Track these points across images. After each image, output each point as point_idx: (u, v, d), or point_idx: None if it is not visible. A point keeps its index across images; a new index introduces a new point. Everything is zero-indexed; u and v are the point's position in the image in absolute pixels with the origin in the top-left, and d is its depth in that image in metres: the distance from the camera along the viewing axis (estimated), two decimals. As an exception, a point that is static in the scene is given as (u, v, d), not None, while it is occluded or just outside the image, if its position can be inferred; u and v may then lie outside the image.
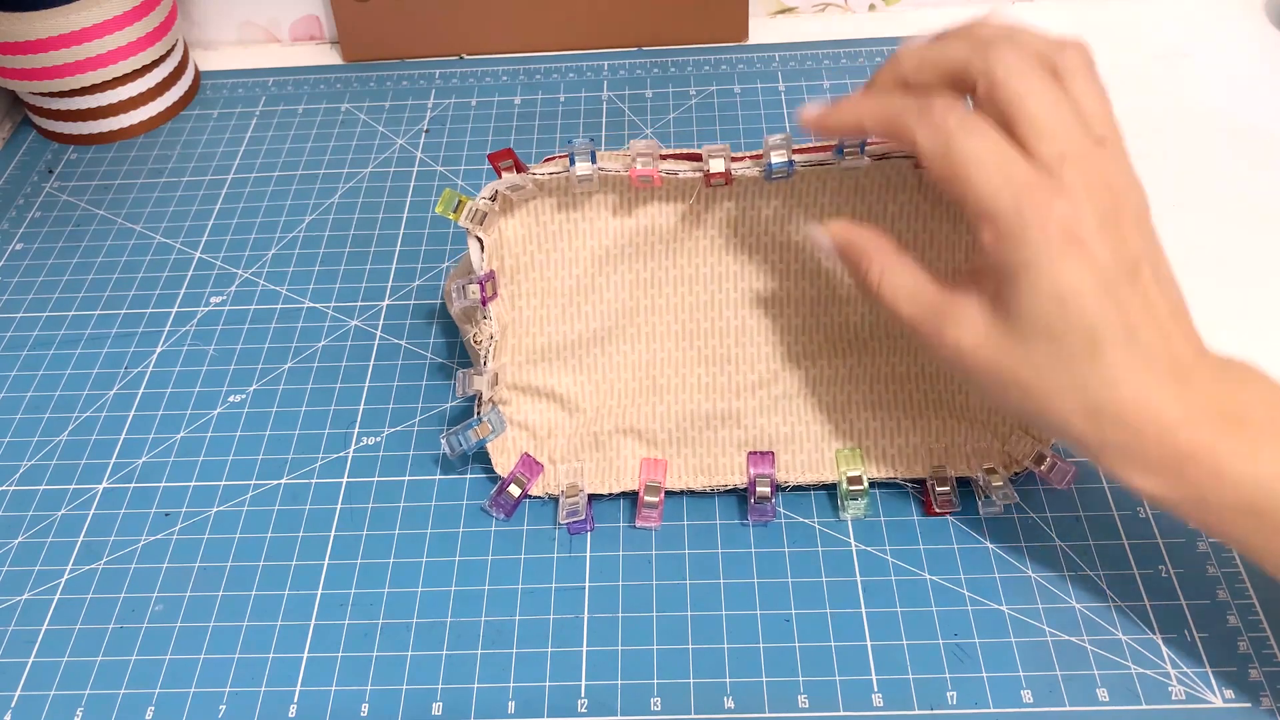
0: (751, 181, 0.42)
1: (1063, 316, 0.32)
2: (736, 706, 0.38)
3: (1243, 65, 0.63)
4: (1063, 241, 0.32)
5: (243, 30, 0.72)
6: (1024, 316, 0.33)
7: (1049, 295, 0.32)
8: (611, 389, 0.45)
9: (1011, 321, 0.33)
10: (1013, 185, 0.32)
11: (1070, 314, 0.32)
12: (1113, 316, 0.32)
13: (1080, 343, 0.32)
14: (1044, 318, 0.32)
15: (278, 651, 0.40)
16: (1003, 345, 0.33)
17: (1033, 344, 0.33)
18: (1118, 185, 0.34)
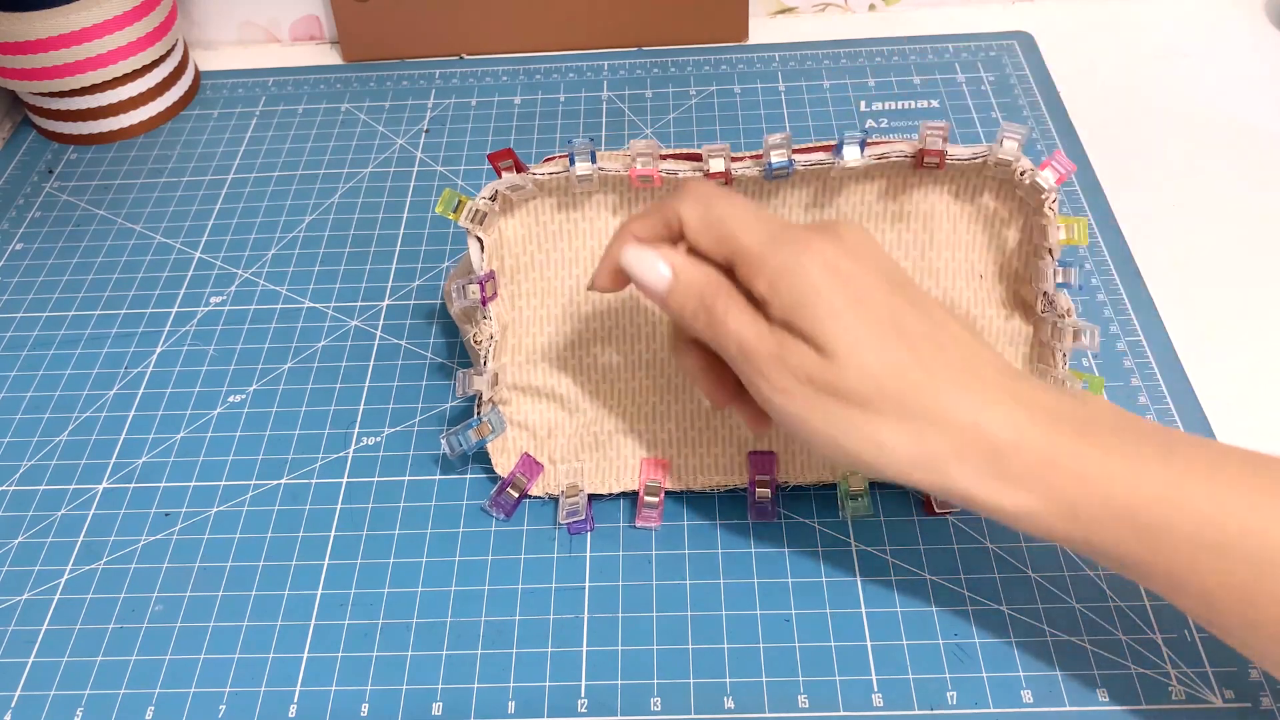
0: (751, 181, 0.42)
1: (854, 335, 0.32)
2: (736, 706, 0.38)
3: (1243, 65, 0.63)
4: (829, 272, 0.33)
5: (243, 30, 0.72)
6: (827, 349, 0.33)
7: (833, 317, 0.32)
8: (611, 389, 0.45)
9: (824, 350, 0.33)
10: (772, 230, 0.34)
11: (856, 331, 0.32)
12: (907, 338, 0.33)
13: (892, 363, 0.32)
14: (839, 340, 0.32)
15: (278, 651, 0.40)
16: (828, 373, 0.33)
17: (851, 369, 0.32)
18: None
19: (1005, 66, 0.64)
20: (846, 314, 0.32)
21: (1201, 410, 0.45)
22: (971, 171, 0.41)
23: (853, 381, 0.32)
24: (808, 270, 0.33)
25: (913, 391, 0.32)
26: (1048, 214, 0.40)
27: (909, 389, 0.32)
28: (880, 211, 0.43)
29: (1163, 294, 0.50)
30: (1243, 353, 0.48)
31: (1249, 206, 0.55)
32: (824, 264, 0.33)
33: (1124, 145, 0.59)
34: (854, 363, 0.32)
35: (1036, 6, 0.69)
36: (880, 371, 0.32)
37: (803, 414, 0.33)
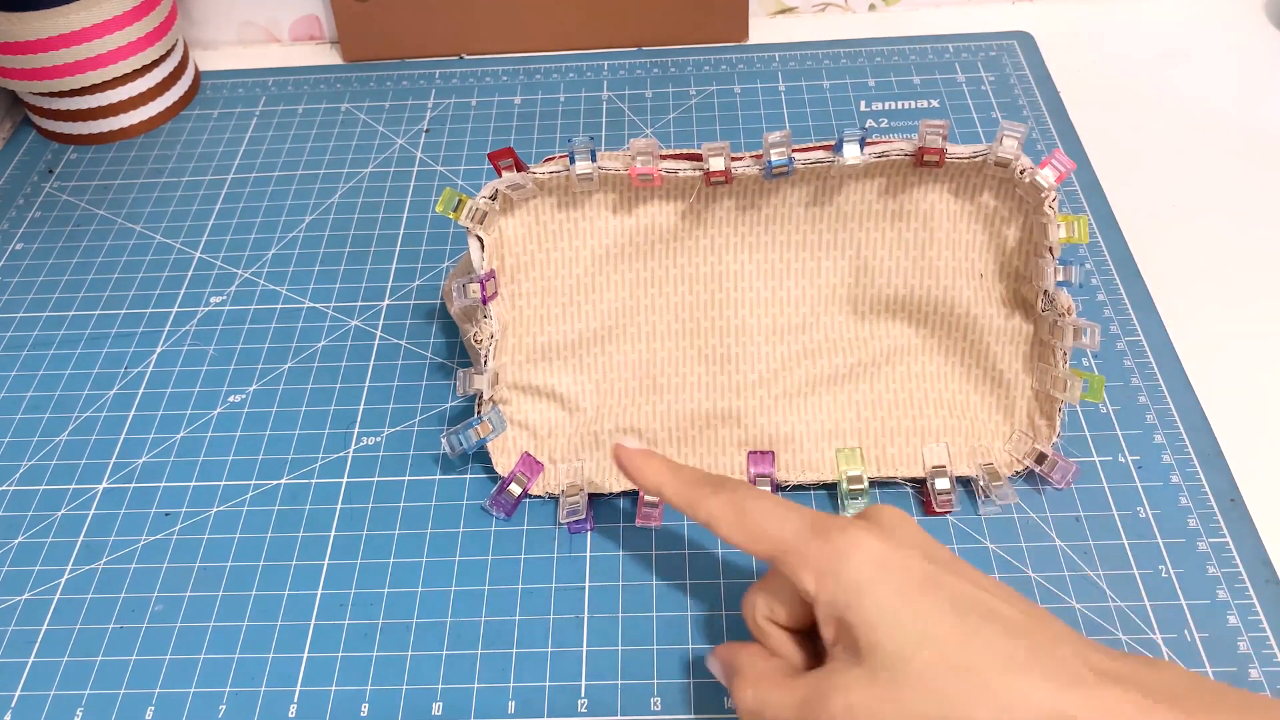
0: (751, 180, 0.42)
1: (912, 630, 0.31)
2: (737, 706, 0.38)
3: (1243, 65, 0.63)
4: (877, 559, 0.32)
5: (243, 30, 0.72)
6: (882, 648, 0.31)
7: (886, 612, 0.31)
8: (612, 388, 0.45)
9: (878, 662, 0.31)
10: (808, 525, 0.33)
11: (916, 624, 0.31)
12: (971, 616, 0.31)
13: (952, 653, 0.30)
14: (896, 639, 0.31)
15: (278, 651, 0.40)
16: (886, 691, 0.31)
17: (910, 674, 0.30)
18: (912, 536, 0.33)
19: (1005, 66, 0.64)
20: (896, 615, 0.31)
21: (1201, 410, 0.45)
22: (971, 170, 0.41)
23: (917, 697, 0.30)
24: (854, 565, 0.32)
25: (986, 687, 0.30)
26: (1048, 212, 0.40)
27: (982, 685, 0.30)
28: (880, 210, 0.43)
29: (1163, 294, 0.50)
30: (1243, 352, 0.48)
31: (1249, 206, 0.55)
32: (871, 556, 0.32)
33: (1124, 145, 0.59)
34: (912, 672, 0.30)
35: (1036, 6, 0.69)
36: (941, 672, 0.30)
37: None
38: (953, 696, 0.30)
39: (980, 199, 0.42)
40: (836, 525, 0.33)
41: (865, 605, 0.31)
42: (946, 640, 0.30)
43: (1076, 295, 0.50)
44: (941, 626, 0.31)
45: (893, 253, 0.44)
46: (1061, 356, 0.41)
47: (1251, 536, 0.41)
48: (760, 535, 0.34)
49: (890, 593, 0.31)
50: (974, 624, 0.31)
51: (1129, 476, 0.43)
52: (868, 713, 0.31)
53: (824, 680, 0.32)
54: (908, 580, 0.31)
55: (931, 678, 0.30)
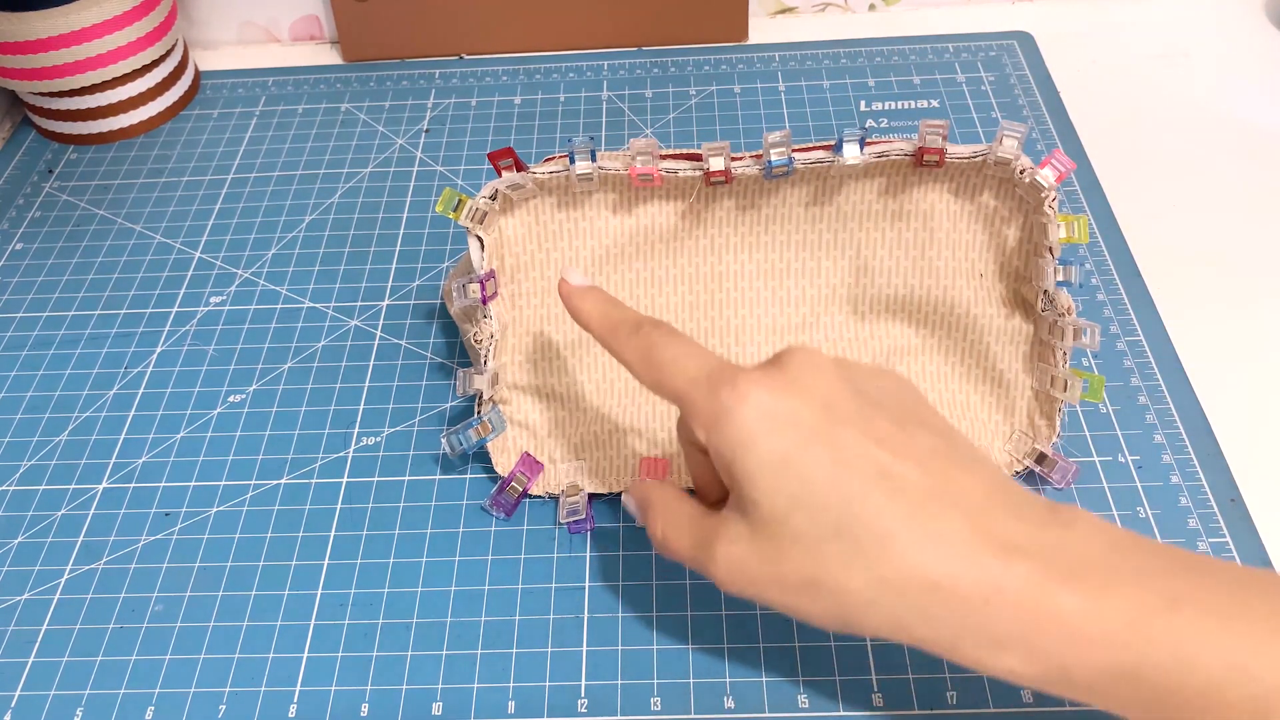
0: (751, 180, 0.42)
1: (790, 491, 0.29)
2: (736, 706, 0.38)
3: (1243, 65, 0.63)
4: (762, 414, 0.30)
5: (243, 30, 0.72)
6: (762, 504, 0.30)
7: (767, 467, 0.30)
8: (612, 388, 0.45)
9: (758, 516, 0.30)
10: (705, 373, 0.32)
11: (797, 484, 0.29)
12: (855, 471, 0.29)
13: (829, 516, 0.29)
14: (774, 498, 0.30)
15: (278, 651, 0.40)
16: (765, 548, 0.30)
17: (785, 535, 0.30)
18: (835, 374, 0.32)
19: (1005, 66, 0.64)
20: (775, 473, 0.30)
21: (1201, 410, 0.45)
22: (971, 170, 0.41)
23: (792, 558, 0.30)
24: (737, 420, 0.30)
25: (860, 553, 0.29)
26: (1048, 212, 0.40)
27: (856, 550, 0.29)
28: (880, 210, 0.43)
29: (1163, 294, 0.50)
30: (1243, 352, 0.48)
31: (1249, 206, 0.55)
32: (757, 411, 0.30)
33: (1124, 145, 0.59)
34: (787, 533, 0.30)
35: (1036, 6, 0.69)
36: (816, 535, 0.29)
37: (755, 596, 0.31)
38: (826, 561, 0.29)
39: (980, 199, 0.42)
40: (729, 376, 0.31)
41: (747, 461, 0.30)
42: (824, 502, 0.29)
43: (1076, 295, 0.50)
44: (820, 487, 0.29)
45: (893, 253, 0.44)
46: (1061, 356, 0.41)
47: (1251, 536, 0.41)
48: (662, 381, 0.33)
49: (772, 449, 0.30)
50: (857, 486, 0.29)
51: (1129, 476, 0.43)
52: (745, 567, 0.31)
53: (716, 526, 0.32)
54: (794, 436, 0.30)
55: (807, 541, 0.29)
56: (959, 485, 0.30)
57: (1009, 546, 0.28)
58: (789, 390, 0.31)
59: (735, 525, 0.31)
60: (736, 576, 0.31)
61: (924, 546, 0.28)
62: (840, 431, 0.30)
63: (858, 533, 0.29)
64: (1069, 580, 0.28)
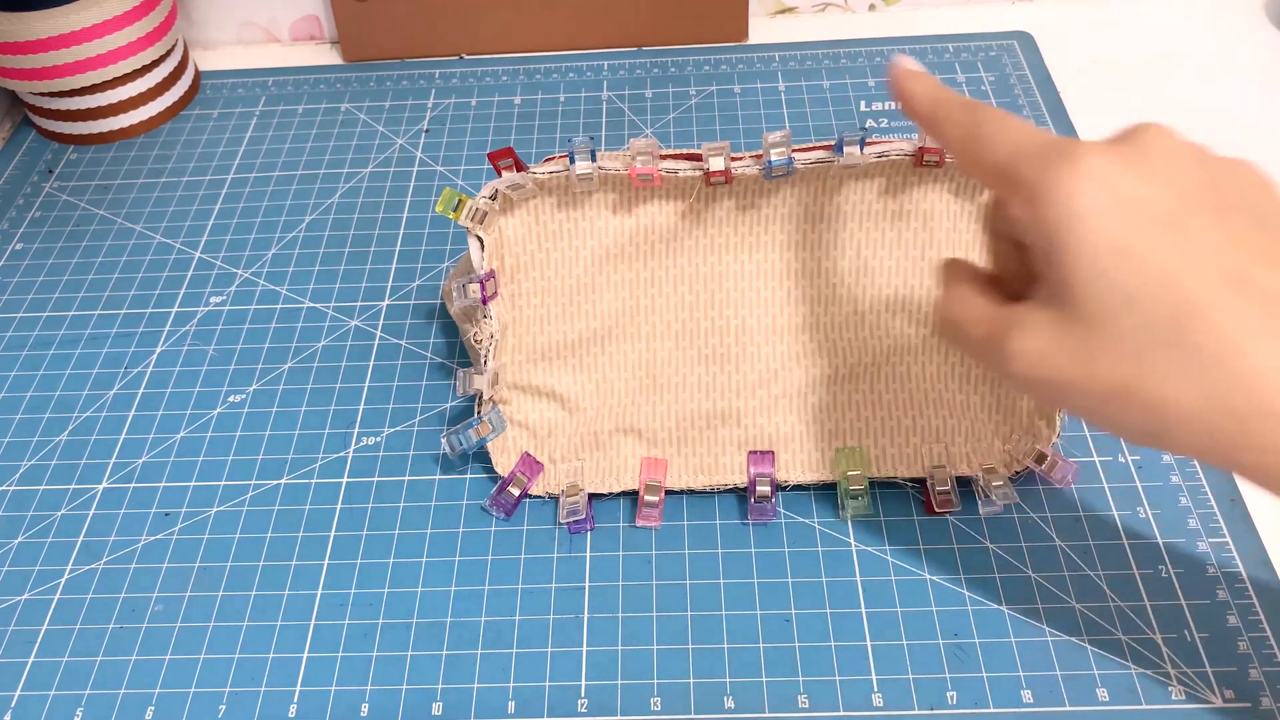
0: (751, 180, 0.42)
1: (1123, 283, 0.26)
2: (736, 706, 0.38)
3: (1243, 65, 0.63)
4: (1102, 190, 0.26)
5: (243, 30, 0.72)
6: (1084, 295, 0.26)
7: (1102, 254, 0.26)
8: (612, 388, 0.45)
9: (1075, 309, 0.26)
10: (1040, 142, 0.28)
11: (1134, 276, 0.25)
12: (1205, 271, 0.25)
13: (1166, 317, 0.25)
14: (1101, 291, 0.26)
15: (278, 651, 0.40)
16: (1077, 346, 0.27)
17: (1106, 333, 0.26)
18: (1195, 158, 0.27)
19: (1005, 66, 0.64)
20: (1108, 259, 0.25)
21: (1202, 410, 0.45)
22: (971, 171, 0.41)
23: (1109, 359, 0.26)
24: (1070, 193, 0.26)
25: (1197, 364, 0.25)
26: (1048, 213, 0.40)
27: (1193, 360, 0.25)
28: (880, 210, 0.43)
29: (1163, 294, 0.50)
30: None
31: (1249, 206, 0.55)
32: (1097, 185, 0.26)
33: (1124, 145, 0.59)
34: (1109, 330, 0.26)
35: (1036, 6, 0.69)
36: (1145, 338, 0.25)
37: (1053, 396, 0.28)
38: (1152, 368, 0.26)
39: (980, 199, 0.42)
40: (1066, 146, 0.27)
41: (1076, 241, 0.26)
42: (1163, 301, 0.25)
43: (1076, 295, 0.50)
44: (1161, 284, 0.25)
45: (893, 253, 0.44)
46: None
47: (1251, 536, 0.41)
48: (984, 153, 0.29)
49: (1110, 231, 0.26)
50: (1207, 288, 0.25)
51: (1129, 476, 0.43)
52: (1049, 361, 0.27)
53: (1015, 315, 0.29)
54: (1139, 221, 0.26)
55: (1132, 343, 0.26)
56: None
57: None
58: (1139, 168, 0.26)
59: (1042, 313, 0.28)
60: (1035, 372, 0.28)
61: (1274, 368, 0.25)
62: (1194, 223, 0.26)
63: (1199, 341, 0.25)
64: None
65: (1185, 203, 0.26)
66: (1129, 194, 0.26)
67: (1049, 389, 0.28)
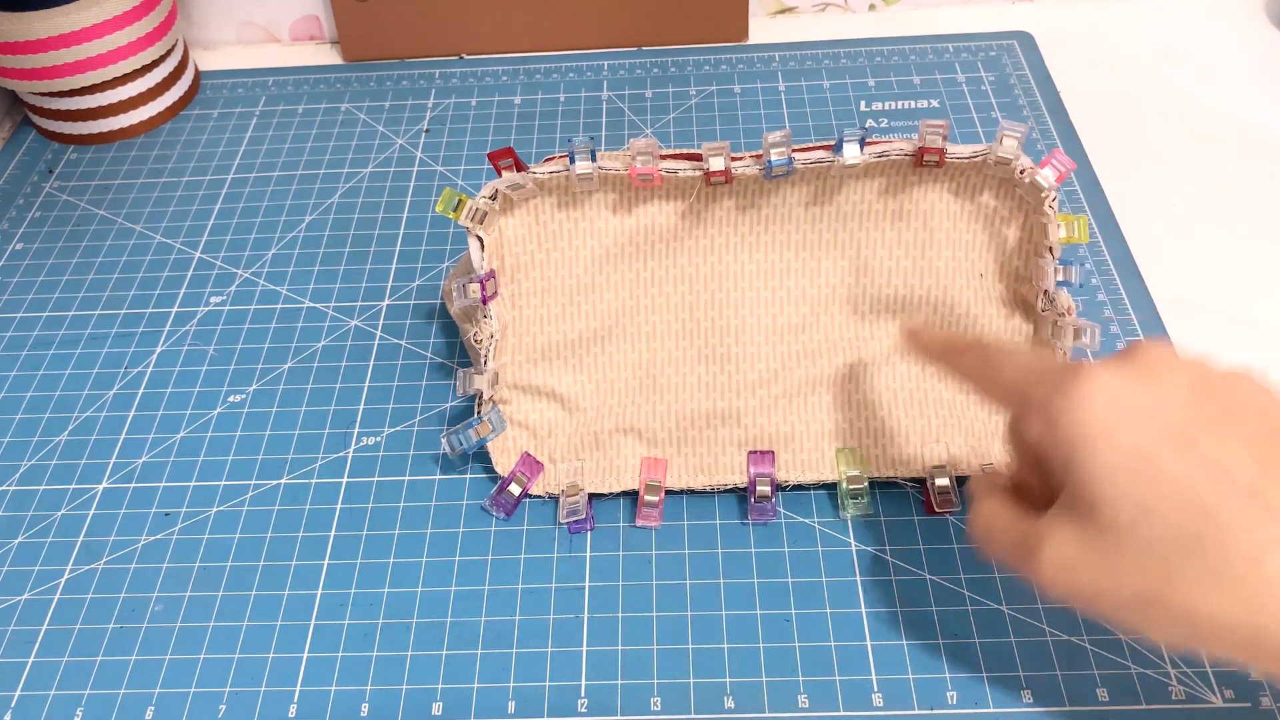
0: (751, 180, 0.42)
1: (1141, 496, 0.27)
2: (736, 706, 0.38)
3: (1243, 65, 0.63)
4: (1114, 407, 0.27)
5: (243, 30, 0.72)
6: (1104, 508, 0.27)
7: (1118, 467, 0.27)
8: (612, 388, 0.45)
9: (1096, 521, 0.27)
10: (1049, 367, 0.30)
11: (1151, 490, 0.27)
12: (1218, 482, 0.26)
13: (1187, 528, 0.26)
14: (1121, 503, 0.27)
15: (278, 651, 0.40)
16: (1103, 556, 0.28)
17: (1130, 544, 0.27)
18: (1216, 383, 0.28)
19: (1005, 66, 0.64)
20: (1126, 473, 0.27)
21: (1202, 410, 0.45)
22: (971, 170, 0.41)
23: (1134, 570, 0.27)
24: (1084, 411, 0.27)
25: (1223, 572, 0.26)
26: (1048, 212, 0.40)
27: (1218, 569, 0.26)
28: (880, 210, 0.43)
29: (1163, 294, 0.50)
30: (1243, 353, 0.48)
31: (1249, 206, 0.55)
32: (1109, 403, 0.27)
33: (1124, 145, 0.59)
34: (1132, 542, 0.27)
35: (1036, 6, 0.69)
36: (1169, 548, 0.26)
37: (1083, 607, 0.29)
38: (1179, 577, 0.26)
39: (980, 199, 0.42)
40: (1075, 368, 0.28)
41: (1092, 457, 0.27)
42: (1184, 512, 0.26)
43: (1076, 295, 0.50)
44: (1181, 494, 0.26)
45: (893, 253, 0.44)
46: (1061, 356, 0.41)
47: None
48: (999, 378, 0.31)
49: (1122, 449, 0.27)
50: (1223, 498, 0.26)
51: (1129, 476, 0.43)
52: (1075, 573, 0.28)
53: (1041, 527, 0.30)
54: (1150, 435, 0.27)
55: (1156, 553, 0.26)
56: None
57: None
58: (1147, 383, 0.28)
59: (1066, 528, 0.29)
60: (1065, 582, 0.29)
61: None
62: (1204, 435, 0.27)
63: (1220, 549, 0.26)
64: None
65: (1193, 415, 0.27)
66: (1139, 409, 0.27)
67: (1079, 597, 0.29)
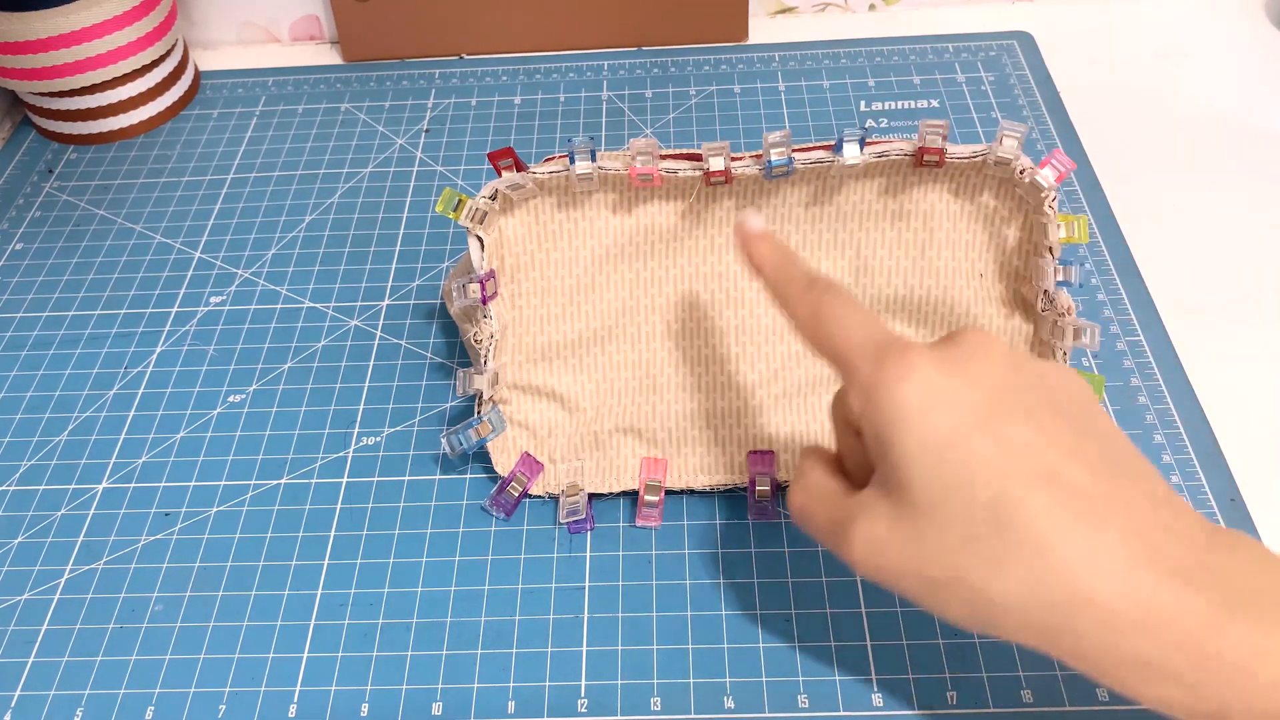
0: (751, 180, 0.42)
1: (946, 478, 0.28)
2: (736, 706, 0.38)
3: (1243, 65, 0.63)
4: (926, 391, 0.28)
5: (243, 30, 0.72)
6: (913, 486, 0.28)
7: (927, 448, 0.28)
8: (612, 388, 0.45)
9: (905, 498, 0.28)
10: (873, 341, 0.30)
11: (955, 470, 0.28)
12: (1018, 466, 0.27)
13: (986, 511, 0.27)
14: (927, 484, 0.28)
15: (278, 651, 0.40)
16: (909, 536, 0.29)
17: (934, 525, 0.28)
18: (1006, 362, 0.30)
19: (1005, 66, 0.64)
20: (932, 455, 0.28)
21: (1201, 410, 0.45)
22: (971, 170, 0.41)
23: (936, 549, 0.28)
24: (898, 394, 0.28)
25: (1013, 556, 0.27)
26: (1048, 212, 0.40)
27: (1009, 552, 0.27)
28: (880, 210, 0.43)
29: (1163, 294, 0.50)
30: (1242, 352, 0.48)
31: (1249, 206, 0.55)
32: (922, 385, 0.28)
33: (1124, 145, 0.59)
34: (935, 521, 0.28)
35: (1036, 6, 0.69)
36: (966, 529, 0.27)
37: (889, 584, 0.30)
38: (974, 558, 0.27)
39: (980, 199, 0.42)
40: (897, 347, 0.29)
41: (903, 437, 0.28)
42: (981, 495, 0.27)
43: (1076, 295, 0.50)
44: (980, 478, 0.27)
45: (893, 253, 0.44)
46: (1062, 356, 0.41)
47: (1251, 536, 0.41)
48: (825, 341, 0.32)
49: (934, 429, 0.28)
50: (1020, 483, 0.27)
51: (1129, 476, 0.43)
52: (885, 549, 0.29)
53: (856, 505, 0.31)
54: (959, 418, 0.28)
55: (955, 534, 0.28)
56: (1125, 497, 0.28)
57: (1172, 570, 0.26)
58: (959, 370, 0.29)
59: (878, 505, 0.30)
60: (873, 560, 0.30)
61: (1083, 560, 0.27)
62: (1009, 422, 0.28)
63: (1014, 534, 0.27)
64: (1237, 614, 0.26)
65: (1001, 402, 0.28)
66: (950, 393, 0.28)
67: (887, 575, 0.30)
